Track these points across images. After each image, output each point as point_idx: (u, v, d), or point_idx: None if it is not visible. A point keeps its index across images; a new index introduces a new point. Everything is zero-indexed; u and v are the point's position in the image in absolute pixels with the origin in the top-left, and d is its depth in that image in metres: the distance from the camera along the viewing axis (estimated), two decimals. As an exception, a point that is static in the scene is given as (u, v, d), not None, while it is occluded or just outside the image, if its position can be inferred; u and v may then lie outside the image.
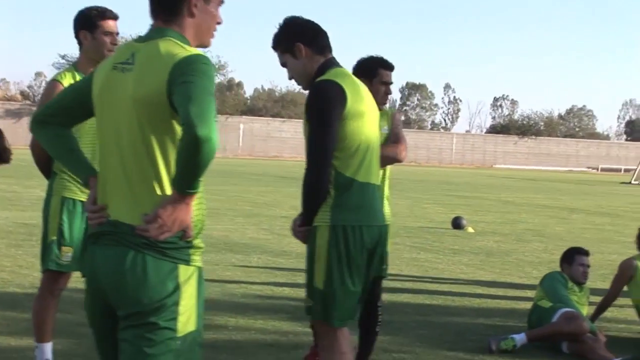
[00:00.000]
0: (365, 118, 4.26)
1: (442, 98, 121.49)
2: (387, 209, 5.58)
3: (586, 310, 7.53)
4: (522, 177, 50.14)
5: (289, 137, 73.34)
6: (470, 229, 16.34)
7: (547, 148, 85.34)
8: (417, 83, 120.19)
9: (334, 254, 4.15)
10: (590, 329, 7.04)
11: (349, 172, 4.20)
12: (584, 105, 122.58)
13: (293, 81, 4.47)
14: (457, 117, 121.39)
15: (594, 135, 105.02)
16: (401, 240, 14.09)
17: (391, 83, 5.57)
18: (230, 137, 71.49)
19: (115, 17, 5.25)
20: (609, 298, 7.80)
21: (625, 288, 7.71)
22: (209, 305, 7.98)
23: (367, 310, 5.65)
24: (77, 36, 5.21)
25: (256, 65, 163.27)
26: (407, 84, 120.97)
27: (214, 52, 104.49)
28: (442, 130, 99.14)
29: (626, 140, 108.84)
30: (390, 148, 5.49)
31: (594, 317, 7.75)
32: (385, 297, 8.86)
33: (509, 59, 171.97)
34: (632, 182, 48.70)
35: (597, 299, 7.90)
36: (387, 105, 5.96)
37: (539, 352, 6.88)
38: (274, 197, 22.61)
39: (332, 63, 4.38)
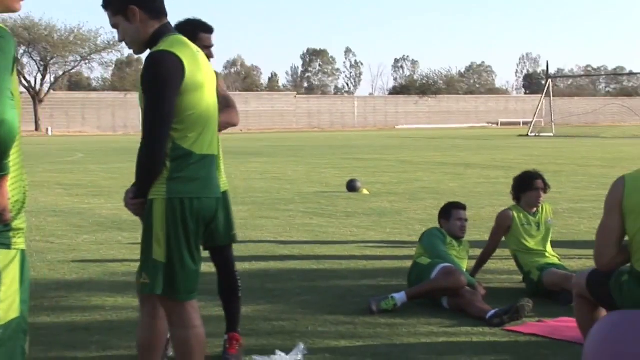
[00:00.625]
0: (204, 89, 4.13)
1: (344, 62, 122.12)
2: (223, 176, 5.47)
3: (466, 264, 7.58)
4: (422, 137, 50.66)
5: (189, 110, 72.58)
6: (365, 191, 16.37)
7: (448, 106, 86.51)
8: (318, 49, 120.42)
9: (171, 227, 4.02)
10: (469, 283, 7.09)
11: (187, 144, 4.07)
12: (483, 62, 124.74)
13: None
14: (359, 81, 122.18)
15: (493, 90, 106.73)
16: (295, 207, 14.03)
17: (212, 46, 5.46)
18: (131, 114, 70.45)
19: None
20: (488, 250, 7.87)
21: (503, 239, 7.78)
22: (86, 286, 7.89)
23: (224, 279, 5.64)
24: None
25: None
26: (308, 50, 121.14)
27: (107, 28, 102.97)
28: (345, 95, 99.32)
29: (525, 93, 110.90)
30: (224, 114, 5.36)
31: (475, 270, 7.82)
32: (272, 265, 8.90)
33: (407, 19, 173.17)
34: (529, 134, 49.72)
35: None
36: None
37: (420, 309, 6.88)
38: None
39: (168, 29, 4.22)
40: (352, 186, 16.57)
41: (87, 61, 74.74)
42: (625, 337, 4.19)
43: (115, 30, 4.27)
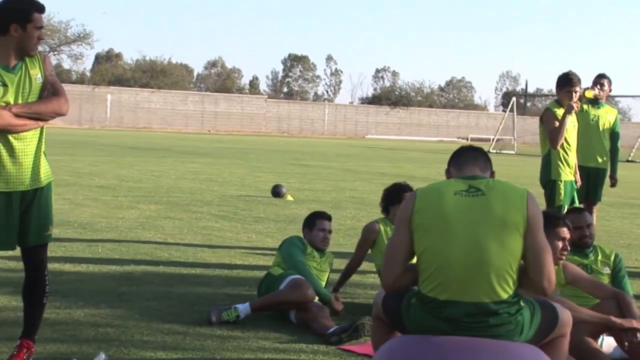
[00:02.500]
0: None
1: (325, 70, 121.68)
2: (44, 168, 5.05)
3: (327, 276, 7.24)
4: (385, 147, 50.29)
5: (158, 108, 71.97)
6: (289, 197, 16.01)
7: (419, 118, 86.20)
8: (300, 54, 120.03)
9: None
10: (323, 297, 6.74)
11: None
12: (463, 77, 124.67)
13: (162, 51, 3.94)
14: (339, 89, 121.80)
15: (472, 106, 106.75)
16: (207, 210, 13.64)
17: (42, 27, 5.04)
18: (98, 109, 69.74)
19: None
20: (352, 263, 7.52)
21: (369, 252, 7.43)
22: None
23: (31, 281, 5.18)
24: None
25: (124, 35, 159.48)
26: (290, 55, 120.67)
27: (78, 20, 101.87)
28: (315, 102, 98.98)
29: (503, 111, 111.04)
30: (51, 102, 4.95)
31: (339, 284, 7.47)
32: (140, 267, 8.51)
33: (390, 30, 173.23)
34: (491, 150, 49.53)
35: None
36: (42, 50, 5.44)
37: (265, 322, 6.53)
38: (103, 167, 21.80)
39: None
40: (276, 192, 16.20)
41: (56, 52, 73.88)
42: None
43: (85, 23, 3.96)
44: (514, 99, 53.33)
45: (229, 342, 5.95)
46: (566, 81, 8.97)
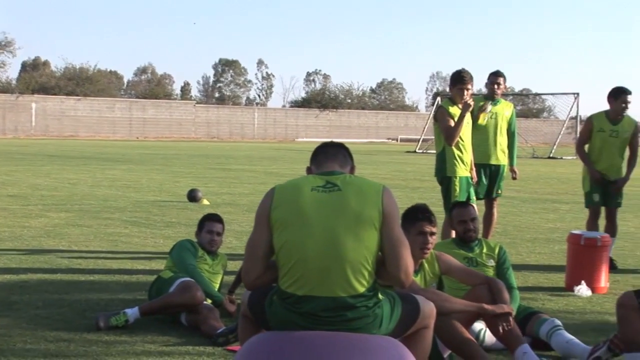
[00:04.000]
0: None
1: (256, 74, 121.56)
2: None
3: (220, 279, 7.25)
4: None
5: (85, 116, 71.20)
6: (205, 201, 15.96)
7: (348, 120, 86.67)
8: (230, 59, 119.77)
9: None
10: (215, 299, 6.76)
11: None
12: (394, 79, 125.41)
13: (89, 59, 3.80)
14: (271, 93, 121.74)
15: (403, 107, 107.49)
16: (119, 216, 13.53)
17: None
18: (22, 118, 68.67)
19: None
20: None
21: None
22: None
23: None
24: None
25: (51, 42, 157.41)
26: (220, 60, 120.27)
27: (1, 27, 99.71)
28: (255, 106, 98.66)
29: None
30: None
31: (233, 286, 7.45)
32: (36, 276, 8.39)
33: (321, 33, 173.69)
34: (417, 150, 50.04)
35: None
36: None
37: (155, 325, 6.51)
38: (18, 176, 21.48)
39: None
40: (192, 196, 16.14)
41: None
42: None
43: (6, 31, 3.77)
44: (438, 99, 53.69)
45: (114, 347, 5.91)
46: (458, 79, 9.10)
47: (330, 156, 4.44)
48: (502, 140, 9.99)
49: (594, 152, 9.99)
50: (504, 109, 10.04)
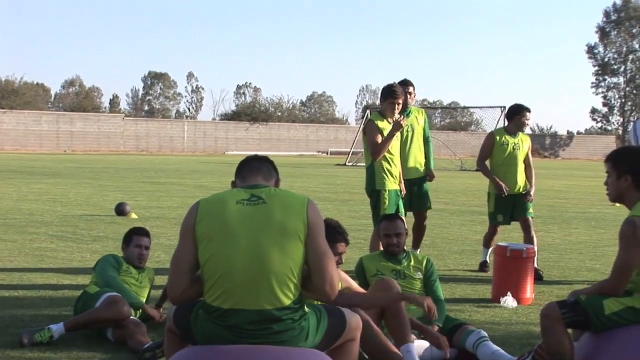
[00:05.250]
0: None
1: (186, 87, 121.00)
2: None
3: (147, 293, 7.18)
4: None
5: (10, 129, 69.86)
6: (134, 215, 15.80)
7: (278, 134, 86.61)
8: (160, 72, 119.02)
9: None
10: (136, 305, 6.72)
11: None
12: (324, 92, 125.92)
13: (15, 71, 3.64)
14: (201, 106, 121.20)
15: (333, 120, 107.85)
16: (45, 231, 13.33)
17: None
18: None
19: None
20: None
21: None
22: None
23: None
24: None
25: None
26: (150, 73, 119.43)
27: None
28: (185, 120, 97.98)
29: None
30: None
31: (162, 300, 7.39)
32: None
33: (252, 46, 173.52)
34: (347, 164, 50.26)
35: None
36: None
37: (82, 341, 6.43)
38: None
39: None
40: (120, 210, 15.96)
41: None
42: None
43: None
44: (368, 112, 54.03)
45: (38, 364, 5.81)
46: (390, 93, 9.18)
47: (255, 170, 4.44)
48: (421, 151, 10.14)
49: (497, 166, 10.25)
50: (418, 118, 10.18)
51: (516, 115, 10.24)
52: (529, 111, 10.27)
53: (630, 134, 10.31)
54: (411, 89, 10.05)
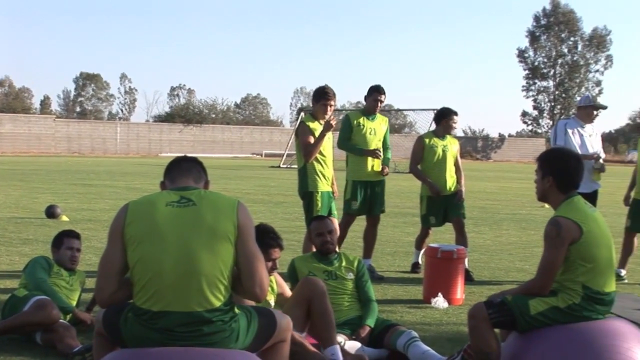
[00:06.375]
0: None
1: (119, 88, 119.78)
2: None
3: (77, 295, 7.10)
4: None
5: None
6: (64, 218, 15.60)
7: (212, 135, 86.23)
8: (92, 73, 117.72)
9: None
10: (66, 309, 6.65)
11: None
12: (259, 94, 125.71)
13: None
14: (134, 107, 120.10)
15: (267, 122, 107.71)
16: (-28, 233, 13.05)
17: None
18: None
19: None
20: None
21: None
22: None
23: None
24: None
25: None
26: (82, 74, 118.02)
27: None
28: (118, 121, 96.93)
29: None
30: None
31: (93, 303, 7.32)
32: None
33: (185, 47, 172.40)
34: (281, 166, 50.25)
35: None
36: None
37: (8, 345, 6.30)
38: None
39: None
40: (50, 212, 15.74)
41: None
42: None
43: None
44: (301, 114, 54.09)
45: (-37, 369, 5.71)
46: (322, 95, 9.23)
47: (184, 171, 4.44)
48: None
49: (428, 168, 10.40)
50: (381, 124, 10.27)
51: (443, 118, 10.41)
52: (456, 114, 10.44)
53: (551, 135, 10.58)
54: (383, 97, 10.15)
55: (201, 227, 4.10)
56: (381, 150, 10.07)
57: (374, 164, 10.05)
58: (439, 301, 8.38)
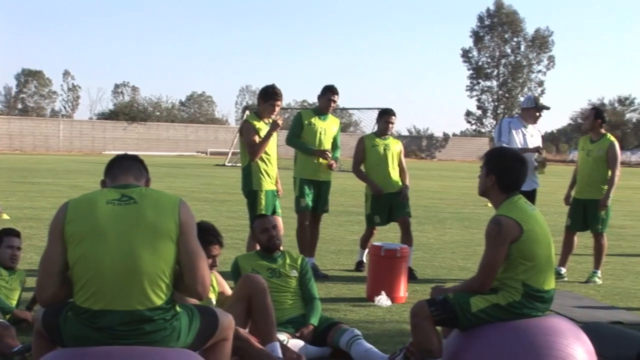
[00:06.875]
0: None
1: (62, 85, 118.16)
2: None
3: (17, 295, 7.02)
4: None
5: None
6: (5, 216, 15.40)
7: (157, 133, 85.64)
8: (34, 69, 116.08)
9: None
10: (6, 310, 6.58)
11: None
12: (204, 92, 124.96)
13: None
14: (77, 105, 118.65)
15: (213, 120, 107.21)
16: None
17: None
18: None
19: None
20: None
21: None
22: None
23: None
24: None
25: None
26: (23, 70, 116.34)
27: None
28: (61, 118, 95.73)
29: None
30: None
31: (33, 302, 7.24)
32: None
33: (129, 45, 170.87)
34: (226, 164, 50.13)
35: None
36: None
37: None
38: None
39: None
40: (-10, 211, 15.50)
41: None
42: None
43: None
44: (247, 112, 54.04)
45: None
46: (269, 94, 9.23)
47: (124, 169, 4.41)
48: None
49: (371, 168, 10.50)
50: (332, 125, 10.33)
51: (381, 118, 10.54)
52: (394, 114, 10.58)
53: (495, 131, 10.75)
54: (336, 97, 10.22)
55: (142, 225, 4.07)
56: (330, 151, 10.13)
57: (321, 164, 10.09)
58: (382, 299, 8.42)
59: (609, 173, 10.39)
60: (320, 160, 10.06)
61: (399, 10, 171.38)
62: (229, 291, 6.23)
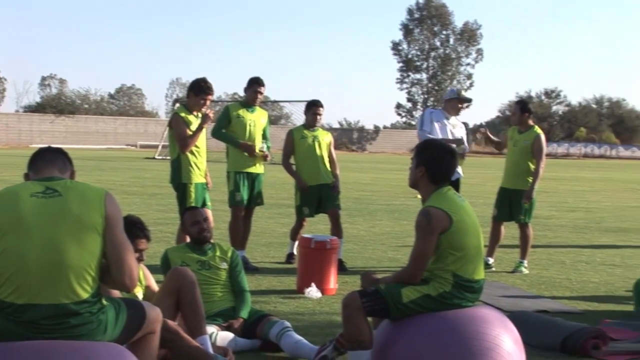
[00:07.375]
0: None
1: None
2: None
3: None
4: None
5: None
6: None
7: (85, 126, 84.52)
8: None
9: None
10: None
11: None
12: (134, 84, 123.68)
13: None
14: (3, 97, 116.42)
15: (143, 113, 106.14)
16: None
17: None
18: None
19: None
20: None
21: None
22: None
23: None
24: None
25: None
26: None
27: None
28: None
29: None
30: None
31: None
32: None
33: (56, 37, 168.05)
34: (156, 157, 49.72)
35: None
36: None
37: None
38: None
39: None
40: None
41: None
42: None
43: None
44: (177, 105, 53.59)
45: None
46: (200, 89, 9.17)
47: (48, 161, 4.34)
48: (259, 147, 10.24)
49: (300, 160, 10.53)
50: (260, 117, 10.32)
51: (309, 110, 10.59)
52: (321, 106, 10.66)
53: (418, 121, 10.92)
54: (262, 89, 10.19)
55: (67, 218, 4.01)
56: (256, 145, 10.11)
57: (255, 156, 10.08)
58: (312, 291, 8.44)
59: (534, 164, 10.57)
60: (256, 152, 10.03)
61: (330, 2, 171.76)
62: (155, 285, 6.18)
